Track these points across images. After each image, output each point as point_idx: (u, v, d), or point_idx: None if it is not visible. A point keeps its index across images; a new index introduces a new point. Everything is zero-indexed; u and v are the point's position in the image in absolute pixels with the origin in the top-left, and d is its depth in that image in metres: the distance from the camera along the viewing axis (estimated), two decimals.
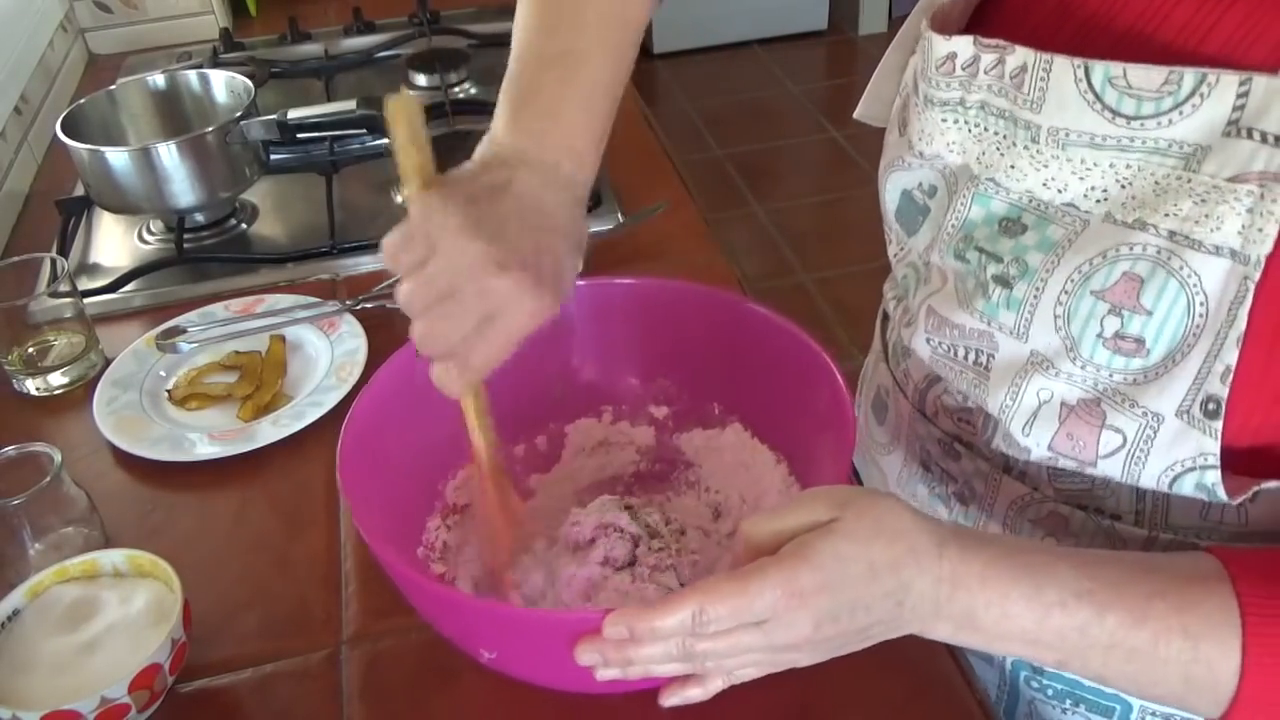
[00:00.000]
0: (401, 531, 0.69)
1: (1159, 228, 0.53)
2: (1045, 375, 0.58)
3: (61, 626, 0.65)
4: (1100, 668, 0.51)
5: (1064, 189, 0.57)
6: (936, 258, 0.64)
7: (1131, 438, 0.56)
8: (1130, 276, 0.53)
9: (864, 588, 0.49)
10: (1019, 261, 0.58)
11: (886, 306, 0.78)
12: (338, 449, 0.63)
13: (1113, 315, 0.54)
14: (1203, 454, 0.53)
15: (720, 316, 0.74)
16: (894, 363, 0.75)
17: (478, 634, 0.59)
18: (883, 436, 0.78)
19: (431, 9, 1.58)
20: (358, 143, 1.26)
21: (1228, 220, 0.50)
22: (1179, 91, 0.51)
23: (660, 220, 1.09)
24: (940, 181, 0.64)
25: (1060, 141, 0.56)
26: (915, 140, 0.64)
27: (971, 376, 0.63)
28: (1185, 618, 0.49)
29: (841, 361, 0.65)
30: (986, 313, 0.60)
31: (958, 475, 0.70)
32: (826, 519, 0.50)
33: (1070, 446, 0.59)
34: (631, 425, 0.80)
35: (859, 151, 3.19)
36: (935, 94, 0.62)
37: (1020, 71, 0.56)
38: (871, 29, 3.88)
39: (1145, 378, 0.54)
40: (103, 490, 0.81)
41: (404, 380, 0.70)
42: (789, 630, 0.49)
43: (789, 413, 0.72)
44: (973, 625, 0.51)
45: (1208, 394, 0.52)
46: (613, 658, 0.51)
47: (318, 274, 1.07)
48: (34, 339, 0.94)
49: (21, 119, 1.31)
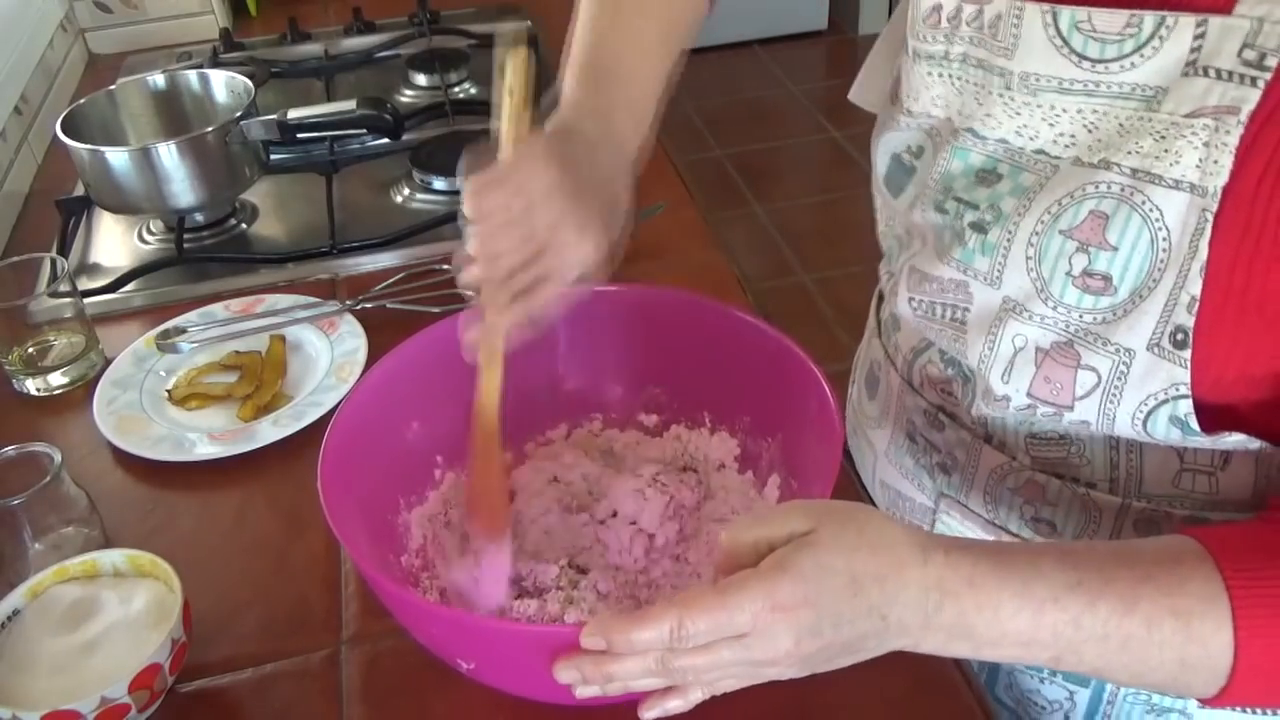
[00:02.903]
0: (388, 539, 0.70)
1: (1122, 165, 0.55)
2: (1019, 320, 0.60)
3: (61, 626, 0.65)
4: (1096, 660, 0.51)
5: (1035, 136, 0.59)
6: (918, 215, 0.66)
7: (1106, 375, 0.57)
8: (1096, 214, 0.55)
9: (846, 601, 0.49)
10: (994, 208, 0.61)
11: (882, 286, 0.80)
12: (319, 460, 0.63)
13: (1080, 253, 0.56)
14: (1174, 384, 0.55)
15: (708, 324, 0.74)
16: (885, 337, 0.77)
17: (452, 645, 0.59)
18: (873, 410, 0.80)
19: (431, 9, 1.58)
20: (358, 143, 1.27)
21: (1185, 154, 0.52)
22: (1140, 34, 0.53)
23: (660, 220, 1.09)
24: (926, 141, 0.67)
25: (1031, 88, 0.58)
26: (905, 99, 0.66)
27: (950, 333, 0.65)
28: (1174, 599, 0.49)
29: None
30: (963, 260, 0.62)
31: (941, 446, 0.72)
32: (804, 530, 0.50)
33: (1049, 390, 0.60)
34: (620, 432, 0.80)
35: (859, 151, 3.19)
36: (922, 48, 0.64)
37: (996, 20, 0.59)
38: (871, 29, 3.88)
39: (1114, 315, 0.56)
40: (103, 490, 0.81)
41: (387, 389, 0.71)
42: (770, 644, 0.49)
43: (777, 421, 0.72)
44: (965, 632, 0.50)
45: (1175, 325, 0.54)
46: (591, 674, 0.51)
47: (318, 274, 1.07)
48: (34, 339, 0.93)
49: (21, 119, 1.31)
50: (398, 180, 1.22)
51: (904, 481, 0.77)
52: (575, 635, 0.50)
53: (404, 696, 0.67)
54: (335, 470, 0.63)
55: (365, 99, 1.17)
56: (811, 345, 0.67)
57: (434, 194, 1.19)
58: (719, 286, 1.00)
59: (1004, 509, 0.69)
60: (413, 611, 0.60)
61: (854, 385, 0.87)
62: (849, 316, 2.55)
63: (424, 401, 0.73)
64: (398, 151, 1.24)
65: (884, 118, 0.71)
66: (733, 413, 0.77)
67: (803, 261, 2.76)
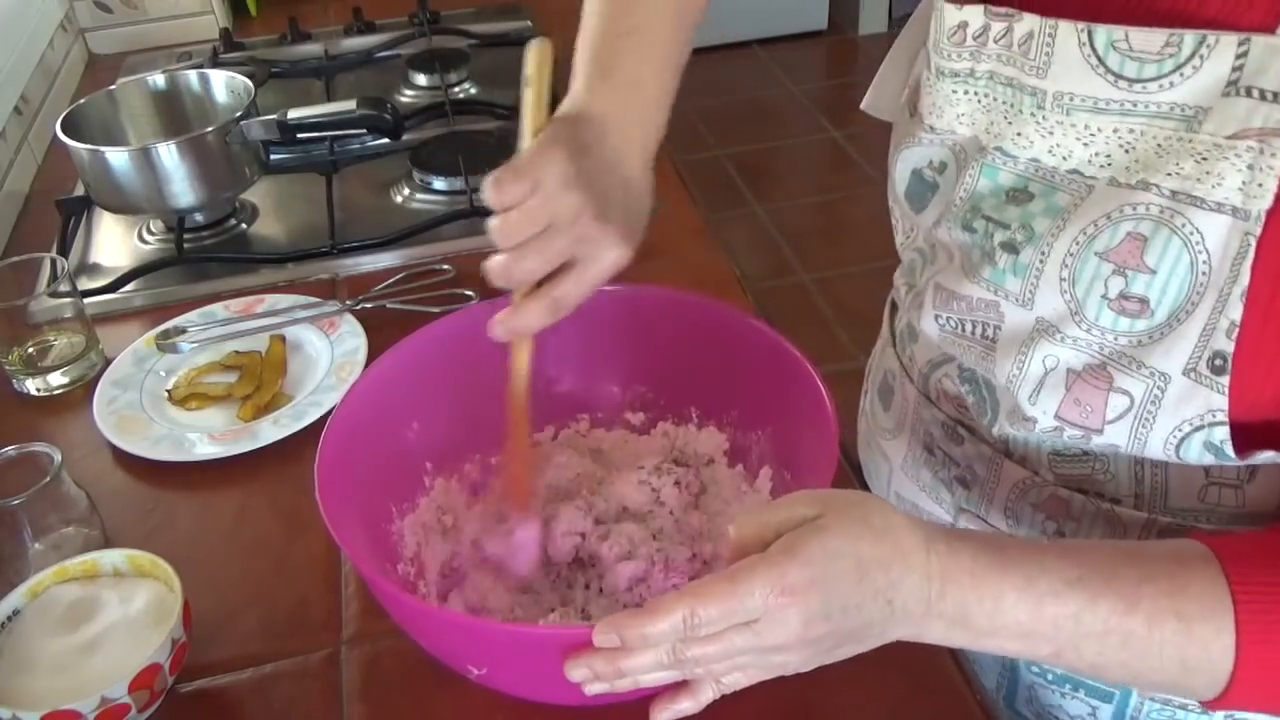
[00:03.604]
0: (383, 547, 0.69)
1: (1161, 187, 0.53)
2: (1051, 341, 0.59)
3: (61, 626, 0.65)
4: (1095, 656, 0.51)
5: (1069, 155, 0.57)
6: (944, 232, 0.65)
7: (1139, 399, 0.56)
8: (1134, 236, 0.54)
9: (853, 585, 0.49)
10: (1025, 228, 0.59)
11: (896, 295, 0.79)
12: (315, 467, 0.63)
13: (1117, 275, 0.55)
14: (1211, 411, 0.54)
15: (691, 318, 0.74)
16: (901, 348, 0.76)
17: (463, 651, 0.59)
18: (888, 422, 0.79)
19: (431, 9, 1.58)
20: (358, 143, 1.27)
21: (1228, 177, 0.51)
22: (1179, 53, 0.51)
23: (660, 220, 1.07)
24: (950, 157, 0.65)
25: (1065, 107, 0.57)
26: (927, 115, 0.65)
27: (979, 350, 0.64)
28: (1176, 601, 0.49)
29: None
30: (993, 280, 0.61)
31: (960, 459, 0.70)
32: (812, 515, 0.50)
33: (1078, 413, 0.59)
34: (607, 431, 0.80)
35: (859, 151, 3.19)
36: (946, 65, 0.62)
37: (1027, 39, 0.57)
38: (871, 29, 3.88)
39: (1150, 338, 0.55)
40: (103, 490, 0.81)
41: (381, 394, 0.70)
42: (779, 629, 0.49)
43: (767, 412, 0.72)
44: (965, 622, 0.50)
45: (1214, 350, 0.53)
46: (602, 670, 0.51)
47: (318, 274, 1.07)
48: (34, 339, 0.94)
49: (21, 119, 1.31)
50: (398, 180, 1.22)
51: (921, 495, 0.76)
52: (588, 635, 0.51)
53: (404, 696, 0.67)
54: (331, 476, 0.63)
55: (365, 99, 1.16)
56: (811, 345, 0.67)
57: (434, 194, 1.19)
58: (719, 286, 1.00)
59: (1025, 524, 0.67)
60: (424, 620, 0.60)
61: (866, 396, 0.85)
62: (849, 316, 2.54)
63: (418, 406, 0.73)
64: (398, 151, 1.24)
65: (902, 131, 0.70)
66: (720, 406, 0.76)
67: (803, 261, 2.76)
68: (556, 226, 0.59)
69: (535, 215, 0.58)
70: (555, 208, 0.58)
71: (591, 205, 0.59)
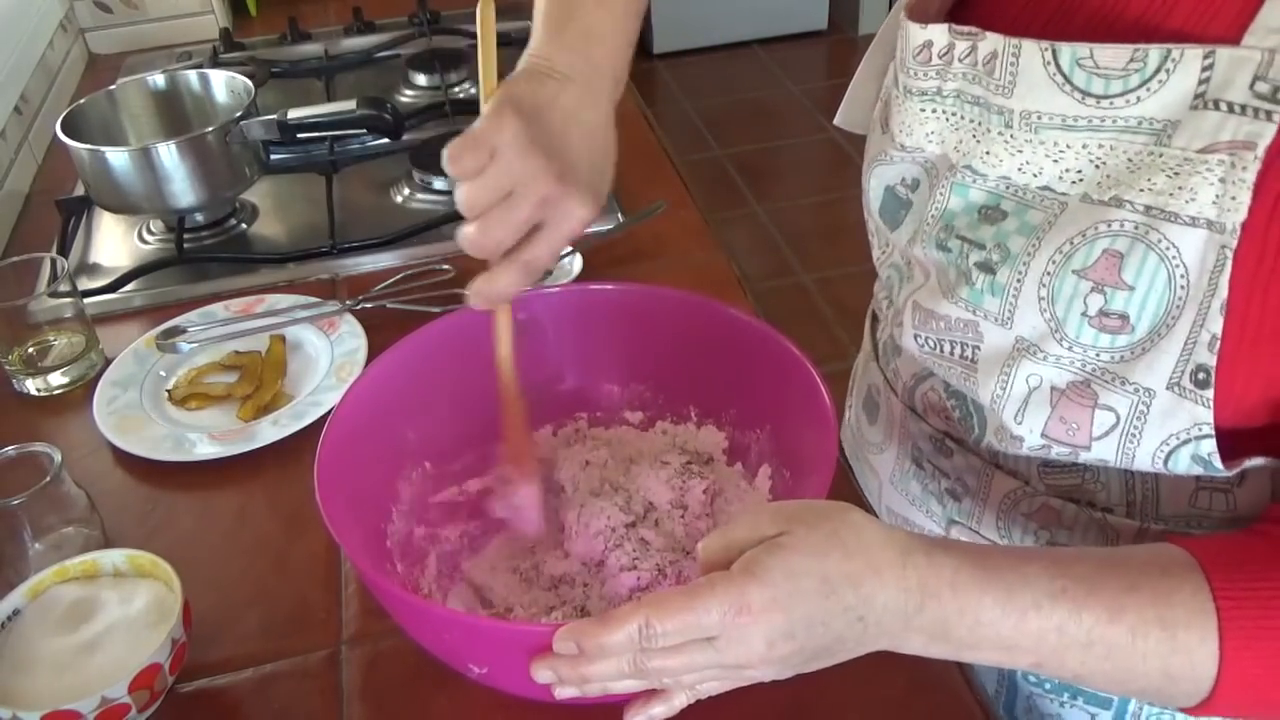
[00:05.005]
0: (384, 546, 0.69)
1: (1135, 203, 0.53)
2: (1033, 360, 0.58)
3: (61, 626, 0.65)
4: (1078, 667, 0.50)
5: (1039, 173, 0.57)
6: (919, 250, 0.65)
7: (1125, 415, 0.56)
8: (1111, 253, 0.54)
9: (819, 603, 0.48)
10: (1001, 247, 0.59)
11: (876, 307, 0.78)
12: (315, 467, 0.63)
13: (1096, 293, 0.55)
14: (1197, 424, 0.54)
15: (697, 320, 0.74)
16: (884, 361, 0.76)
17: (460, 650, 0.59)
18: (875, 436, 0.78)
19: (431, 9, 1.58)
20: (358, 143, 1.27)
21: (1201, 191, 0.51)
22: (1145, 68, 0.51)
23: (660, 220, 1.09)
24: (922, 174, 0.65)
25: (1033, 125, 0.56)
26: (897, 133, 0.65)
27: (960, 370, 0.64)
28: (1160, 609, 0.49)
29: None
30: (971, 300, 0.61)
31: (950, 471, 0.70)
32: (773, 533, 0.50)
33: (1064, 431, 0.59)
34: (606, 430, 0.80)
35: (859, 152, 3.17)
36: (913, 84, 0.62)
37: (991, 58, 0.57)
38: (871, 29, 3.86)
39: (1132, 354, 0.55)
40: (103, 490, 0.81)
41: (380, 394, 0.70)
42: (740, 648, 0.48)
43: (765, 411, 0.72)
44: (945, 635, 0.50)
45: (1197, 364, 0.53)
46: (566, 675, 0.51)
47: (318, 274, 1.07)
48: (34, 339, 0.94)
49: (21, 119, 1.31)
50: (398, 180, 1.22)
51: (912, 509, 0.75)
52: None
53: (404, 696, 0.67)
54: (331, 476, 0.63)
55: (365, 99, 1.17)
56: (811, 345, 0.67)
57: (434, 194, 1.19)
58: (719, 286, 1.00)
59: (1018, 534, 0.67)
60: (425, 619, 0.60)
61: (850, 409, 0.85)
62: (849, 316, 2.55)
63: (418, 406, 0.73)
64: (398, 151, 1.24)
65: (874, 147, 0.69)
66: (719, 405, 0.76)
67: (803, 261, 2.76)
68: (519, 192, 0.58)
69: (495, 183, 0.58)
70: (515, 173, 0.58)
71: (552, 167, 0.59)
